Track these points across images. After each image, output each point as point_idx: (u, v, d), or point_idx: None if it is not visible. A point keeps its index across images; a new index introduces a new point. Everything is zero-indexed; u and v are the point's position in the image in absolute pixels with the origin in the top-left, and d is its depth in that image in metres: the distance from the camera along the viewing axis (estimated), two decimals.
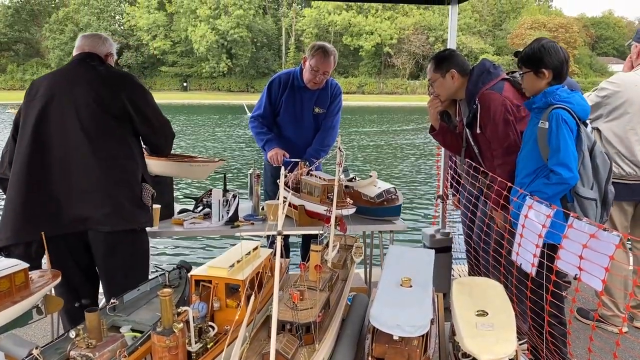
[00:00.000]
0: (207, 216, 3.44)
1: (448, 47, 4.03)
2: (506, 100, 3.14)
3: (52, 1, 77.02)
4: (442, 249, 4.09)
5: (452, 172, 3.96)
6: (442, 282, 4.14)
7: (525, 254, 2.79)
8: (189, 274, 1.74)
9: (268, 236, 4.19)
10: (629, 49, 3.79)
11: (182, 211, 3.55)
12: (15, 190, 2.58)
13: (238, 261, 1.70)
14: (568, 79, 4.30)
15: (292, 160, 3.73)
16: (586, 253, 2.38)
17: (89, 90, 2.67)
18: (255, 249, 1.86)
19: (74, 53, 2.97)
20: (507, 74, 3.34)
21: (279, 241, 1.26)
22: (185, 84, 72.07)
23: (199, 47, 67.67)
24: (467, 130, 3.43)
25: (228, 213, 3.34)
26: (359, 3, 68.99)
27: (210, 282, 1.66)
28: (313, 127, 4.10)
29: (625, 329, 3.70)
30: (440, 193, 4.28)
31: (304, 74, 4.00)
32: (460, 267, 4.24)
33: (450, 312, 1.70)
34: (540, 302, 2.69)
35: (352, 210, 3.07)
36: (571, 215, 2.44)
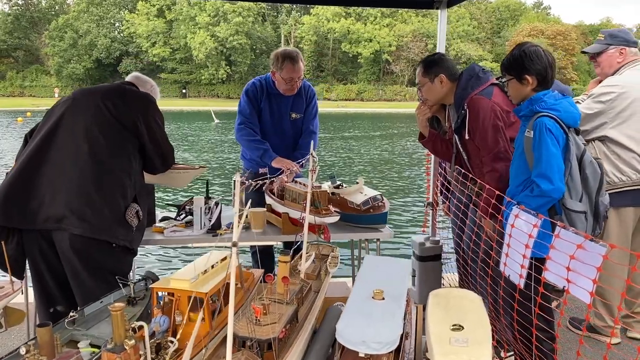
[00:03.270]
0: (189, 224, 3.35)
1: (438, 49, 3.97)
2: (495, 105, 3.06)
3: (52, 8, 77.23)
4: (432, 257, 4.01)
5: (442, 179, 3.88)
6: (431, 291, 4.06)
7: (513, 265, 2.70)
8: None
9: (254, 253, 4.10)
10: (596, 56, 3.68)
11: (164, 219, 3.47)
12: (11, 175, 2.66)
13: (204, 272, 1.62)
14: (560, 85, 4.23)
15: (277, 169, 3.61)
16: (573, 264, 2.30)
17: (106, 97, 2.79)
18: (224, 259, 1.78)
19: None
20: (497, 79, 3.27)
21: (233, 252, 1.18)
22: (184, 91, 72.14)
23: (198, 54, 67.80)
24: (456, 136, 3.36)
25: (210, 221, 3.26)
26: (358, 10, 69.41)
27: (173, 294, 1.57)
28: (292, 133, 4.01)
29: (617, 341, 3.60)
30: (430, 200, 4.19)
31: (278, 86, 3.91)
32: (451, 276, 4.15)
33: None
34: (529, 315, 2.61)
35: (335, 218, 2.99)
36: (558, 224, 2.35)
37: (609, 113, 3.44)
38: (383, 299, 1.54)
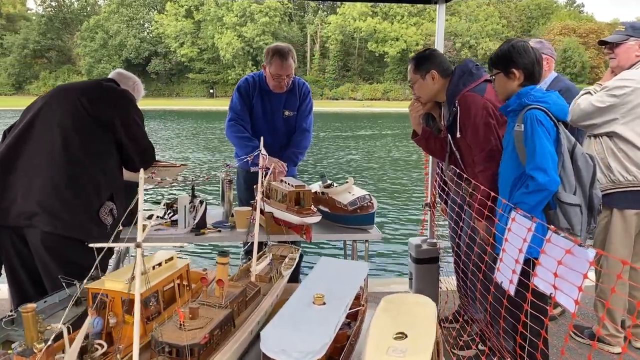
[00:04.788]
0: (175, 223, 3.31)
1: (436, 46, 3.84)
2: (488, 102, 2.94)
3: (83, 10, 78.90)
4: (429, 260, 3.89)
5: (439, 179, 3.76)
6: (428, 295, 3.92)
7: (506, 271, 2.59)
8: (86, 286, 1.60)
9: (247, 252, 4.03)
10: (614, 47, 3.46)
11: (150, 217, 3.42)
12: None
13: (143, 273, 1.55)
14: (568, 83, 4.07)
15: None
16: (561, 270, 2.18)
17: (83, 94, 2.73)
18: (171, 259, 1.71)
19: None
20: (490, 75, 3.14)
21: (138, 254, 1.11)
22: (211, 91, 72.85)
23: (225, 54, 68.40)
24: (449, 135, 3.24)
25: (195, 219, 3.21)
26: (384, 9, 68.99)
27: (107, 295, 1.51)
28: (285, 131, 3.92)
29: (617, 350, 3.42)
30: (428, 201, 4.07)
31: (268, 81, 3.83)
32: (450, 280, 4.01)
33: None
34: (516, 323, 2.48)
35: (317, 219, 2.89)
36: (549, 228, 2.23)
37: (621, 108, 3.23)
38: (324, 304, 1.45)
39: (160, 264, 1.64)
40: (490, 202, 2.82)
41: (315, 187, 3.57)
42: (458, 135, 3.10)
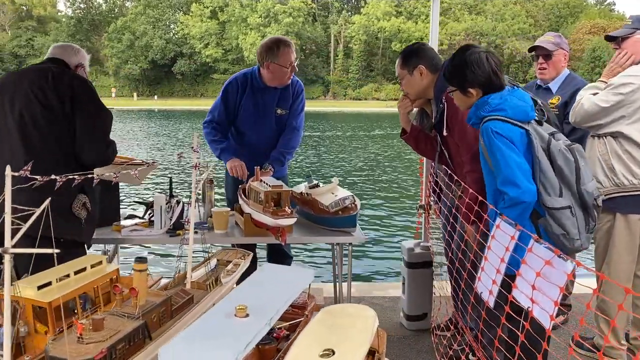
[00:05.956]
0: (153, 223, 3.21)
1: (430, 41, 3.67)
2: None
3: (111, 11, 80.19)
4: (422, 264, 3.72)
5: (432, 179, 3.59)
6: (421, 301, 3.77)
7: (487, 281, 2.42)
8: None
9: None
10: (620, 41, 3.22)
11: (129, 217, 3.34)
12: None
13: (60, 279, 1.44)
14: (578, 78, 3.85)
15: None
16: (539, 283, 2.02)
17: (32, 83, 2.63)
18: (99, 263, 1.60)
19: None
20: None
21: (6, 261, 0.99)
22: None
23: (249, 55, 68.59)
24: (437, 133, 3.08)
25: (171, 220, 3.10)
26: (409, 9, 68.36)
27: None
28: (275, 129, 3.77)
29: None
30: (423, 203, 3.89)
31: (271, 79, 3.67)
32: (444, 285, 3.83)
33: None
34: (493, 337, 2.31)
35: (291, 221, 2.76)
36: (532, 237, 2.06)
37: (628, 107, 2.99)
38: (247, 315, 1.31)
39: (84, 269, 1.53)
40: (477, 205, 2.66)
41: (302, 187, 3.45)
42: (445, 133, 2.94)
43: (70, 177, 1.70)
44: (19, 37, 73.93)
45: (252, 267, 3.81)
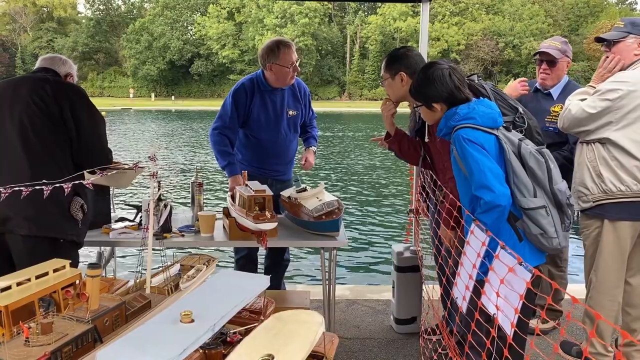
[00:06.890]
0: (142, 226, 3.28)
1: (420, 44, 3.69)
2: None
3: (130, 12, 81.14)
4: (411, 268, 3.74)
5: (421, 182, 3.61)
6: (410, 305, 3.78)
7: (462, 287, 2.45)
8: None
9: (238, 260, 3.98)
10: (611, 45, 3.20)
11: (120, 219, 3.41)
12: None
13: (19, 283, 1.50)
14: (578, 86, 3.83)
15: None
16: (502, 290, 2.05)
17: (31, 91, 2.71)
18: (62, 267, 1.66)
19: None
20: (469, 76, 2.97)
21: None
22: None
23: None
24: (420, 139, 3.10)
25: (159, 223, 3.16)
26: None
27: None
28: (288, 130, 3.86)
29: None
30: (413, 207, 3.91)
31: (276, 81, 3.73)
32: (436, 288, 3.84)
33: None
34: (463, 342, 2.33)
35: (272, 225, 2.79)
36: (500, 243, 2.09)
37: (615, 113, 2.97)
38: (192, 321, 1.36)
39: (47, 273, 1.59)
40: (456, 211, 2.68)
41: (290, 191, 3.49)
42: (427, 139, 2.96)
43: (63, 182, 1.76)
44: (39, 39, 75.22)
45: (252, 271, 3.91)
